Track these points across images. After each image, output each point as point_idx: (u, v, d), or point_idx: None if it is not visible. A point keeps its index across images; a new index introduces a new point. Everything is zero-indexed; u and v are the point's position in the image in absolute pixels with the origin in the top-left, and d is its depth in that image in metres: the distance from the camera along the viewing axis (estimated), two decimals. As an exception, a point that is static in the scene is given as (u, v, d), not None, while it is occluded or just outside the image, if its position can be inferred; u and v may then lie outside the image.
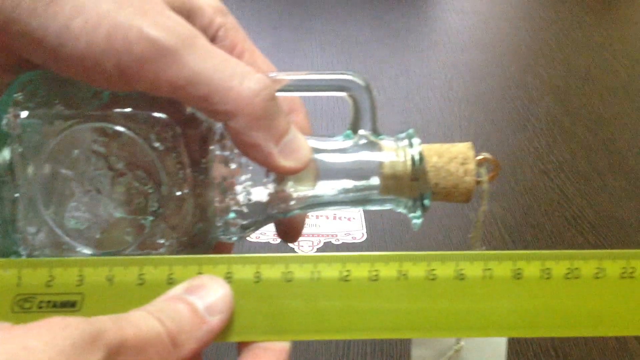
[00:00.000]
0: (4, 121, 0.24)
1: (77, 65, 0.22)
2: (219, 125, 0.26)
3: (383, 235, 0.73)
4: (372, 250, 0.70)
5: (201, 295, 0.23)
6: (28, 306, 0.23)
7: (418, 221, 0.28)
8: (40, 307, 0.23)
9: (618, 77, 1.10)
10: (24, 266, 0.24)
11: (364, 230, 0.73)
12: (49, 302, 0.23)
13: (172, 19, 0.23)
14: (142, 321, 0.21)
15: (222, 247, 0.30)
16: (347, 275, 0.24)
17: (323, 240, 0.72)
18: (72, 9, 0.22)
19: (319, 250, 0.70)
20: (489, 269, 0.25)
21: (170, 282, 0.24)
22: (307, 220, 0.32)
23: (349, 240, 0.72)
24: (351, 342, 0.60)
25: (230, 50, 0.28)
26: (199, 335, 0.22)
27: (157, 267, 0.24)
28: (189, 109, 0.26)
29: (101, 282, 0.24)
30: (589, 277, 0.25)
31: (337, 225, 0.74)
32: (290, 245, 0.70)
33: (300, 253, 0.26)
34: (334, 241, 0.72)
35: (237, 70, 0.23)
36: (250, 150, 0.24)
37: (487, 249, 0.26)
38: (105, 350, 0.19)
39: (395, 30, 1.22)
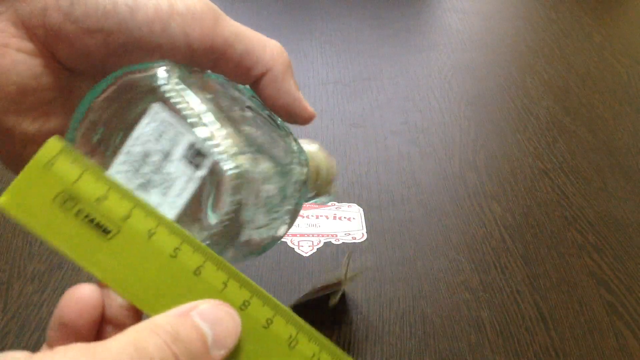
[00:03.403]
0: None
1: (147, 30, 0.25)
2: None
3: (383, 235, 0.73)
4: (372, 251, 0.70)
5: (214, 325, 0.23)
6: (69, 206, 0.23)
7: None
8: (76, 214, 0.23)
9: (618, 77, 1.10)
10: (88, 170, 0.24)
11: (364, 230, 0.73)
12: (87, 215, 0.23)
13: None
14: (157, 352, 0.21)
15: None
16: None
17: (323, 240, 0.72)
18: None
19: (318, 250, 0.70)
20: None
21: (198, 274, 0.24)
22: (306, 221, 0.33)
23: (348, 240, 0.72)
24: (351, 341, 0.60)
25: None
26: None
27: (195, 253, 0.24)
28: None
29: (141, 231, 0.24)
30: None
31: (337, 225, 0.74)
32: (290, 245, 0.70)
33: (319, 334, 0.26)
34: (333, 241, 0.72)
35: (259, 33, 0.28)
36: (285, 97, 0.28)
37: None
38: None
39: (395, 30, 1.22)
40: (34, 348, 0.58)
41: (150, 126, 0.25)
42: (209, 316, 0.23)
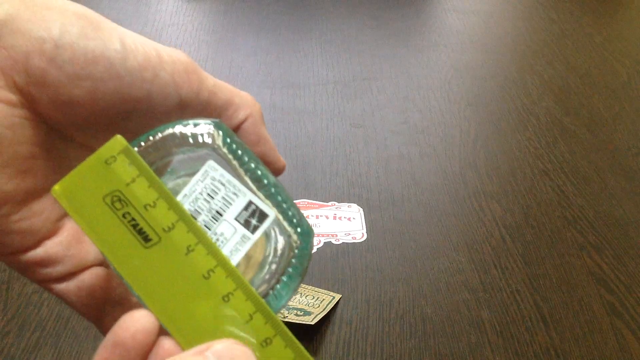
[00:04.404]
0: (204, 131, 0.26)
1: (138, 77, 0.25)
2: None
3: (383, 234, 0.73)
4: (372, 250, 0.70)
5: None
6: (117, 206, 0.23)
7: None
8: (123, 217, 0.23)
9: (618, 77, 1.10)
10: (143, 174, 0.24)
11: (364, 230, 0.73)
12: (133, 219, 0.23)
13: None
14: None
15: None
16: None
17: (323, 240, 0.72)
18: (121, 33, 0.25)
19: (318, 250, 0.70)
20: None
21: (227, 300, 0.24)
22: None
23: (349, 240, 0.72)
24: (351, 341, 0.60)
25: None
26: None
27: (228, 278, 0.24)
28: None
29: (180, 245, 0.24)
30: None
31: (337, 225, 0.74)
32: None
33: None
34: (333, 241, 0.72)
35: (230, 85, 0.29)
36: (261, 142, 0.28)
37: None
38: None
39: (395, 30, 1.22)
40: (34, 348, 0.58)
41: (202, 184, 0.25)
42: (224, 355, 0.22)
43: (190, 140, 0.25)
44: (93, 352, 0.59)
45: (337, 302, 0.64)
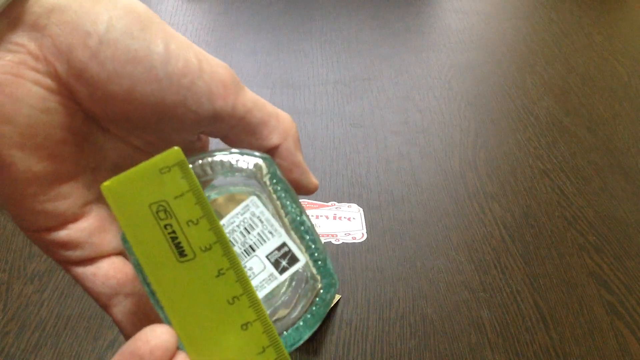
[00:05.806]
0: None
1: (176, 81, 0.25)
2: None
3: (383, 234, 0.73)
4: (372, 250, 0.70)
5: None
6: (161, 216, 0.24)
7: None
8: (165, 227, 0.24)
9: (618, 77, 1.10)
10: (192, 190, 0.24)
11: (364, 230, 0.73)
12: (173, 232, 0.24)
13: None
14: None
15: None
16: None
17: (323, 240, 0.72)
18: (165, 35, 0.25)
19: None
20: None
21: (245, 328, 0.24)
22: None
23: (349, 240, 0.72)
24: (351, 341, 0.60)
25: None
26: None
27: (250, 308, 0.24)
28: None
29: (212, 267, 0.24)
30: None
31: (337, 225, 0.74)
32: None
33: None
34: (334, 241, 0.72)
35: (270, 104, 0.28)
36: (295, 169, 0.28)
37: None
38: None
39: (395, 30, 1.22)
40: (34, 348, 0.58)
41: (241, 217, 0.26)
42: None
43: (237, 170, 0.26)
44: (93, 352, 0.59)
45: (337, 302, 0.64)
